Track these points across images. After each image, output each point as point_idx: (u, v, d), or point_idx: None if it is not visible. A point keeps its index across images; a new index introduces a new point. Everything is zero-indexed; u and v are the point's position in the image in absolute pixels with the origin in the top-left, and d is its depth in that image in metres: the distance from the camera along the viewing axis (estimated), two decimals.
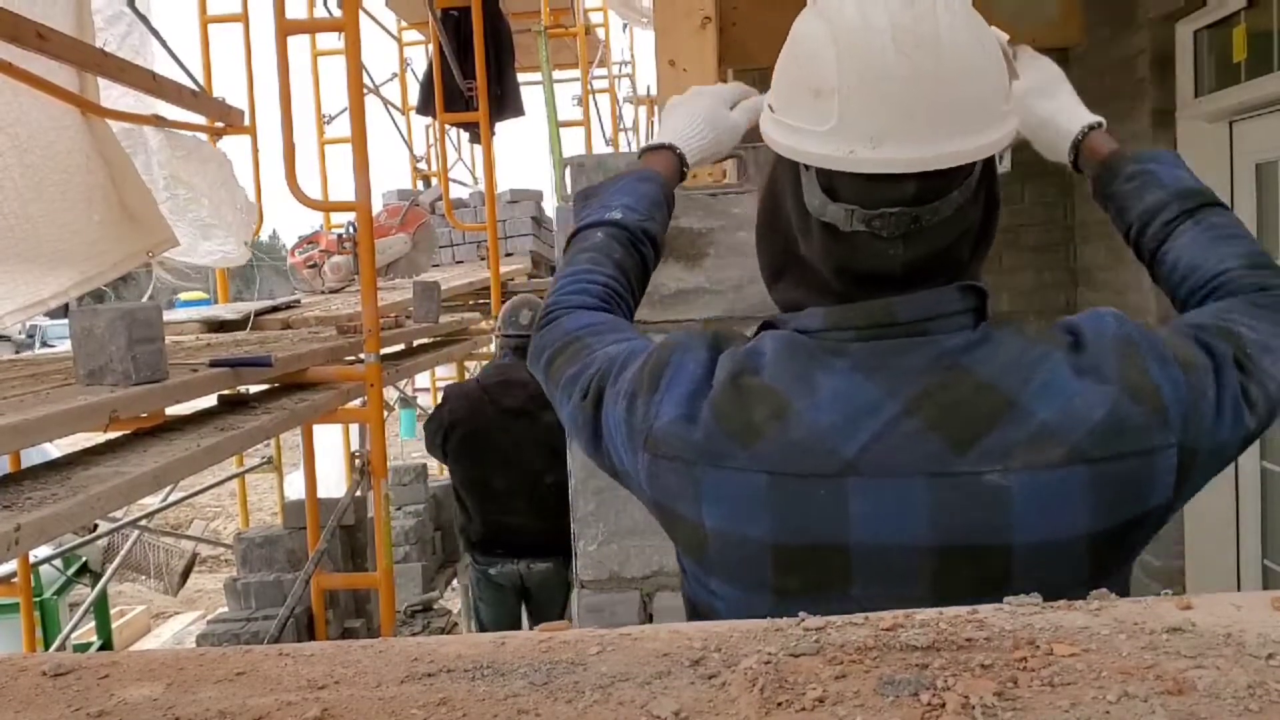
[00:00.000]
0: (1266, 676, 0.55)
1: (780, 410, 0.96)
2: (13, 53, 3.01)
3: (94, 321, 2.26)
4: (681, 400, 1.00)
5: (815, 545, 0.95)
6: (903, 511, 0.92)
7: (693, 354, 1.04)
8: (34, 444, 2.02)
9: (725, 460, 0.97)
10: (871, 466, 0.93)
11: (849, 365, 0.96)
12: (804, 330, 1.00)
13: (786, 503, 0.95)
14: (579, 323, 1.18)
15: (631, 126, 10.66)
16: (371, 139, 3.24)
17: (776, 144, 1.01)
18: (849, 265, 0.98)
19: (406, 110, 8.65)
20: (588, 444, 1.14)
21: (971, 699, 0.54)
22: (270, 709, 0.57)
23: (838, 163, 0.94)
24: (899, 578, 0.93)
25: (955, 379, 0.94)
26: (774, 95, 1.04)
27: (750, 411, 0.97)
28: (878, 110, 0.92)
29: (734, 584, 1.00)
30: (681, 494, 1.01)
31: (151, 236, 3.80)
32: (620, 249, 1.26)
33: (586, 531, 1.73)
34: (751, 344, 1.03)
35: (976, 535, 0.91)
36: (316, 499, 3.90)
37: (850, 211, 0.95)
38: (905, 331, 0.96)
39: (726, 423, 0.97)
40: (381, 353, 3.38)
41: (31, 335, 21.20)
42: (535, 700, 0.57)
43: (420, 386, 12.22)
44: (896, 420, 0.93)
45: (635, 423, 1.03)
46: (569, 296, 1.22)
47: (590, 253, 1.26)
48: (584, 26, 7.91)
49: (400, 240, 6.29)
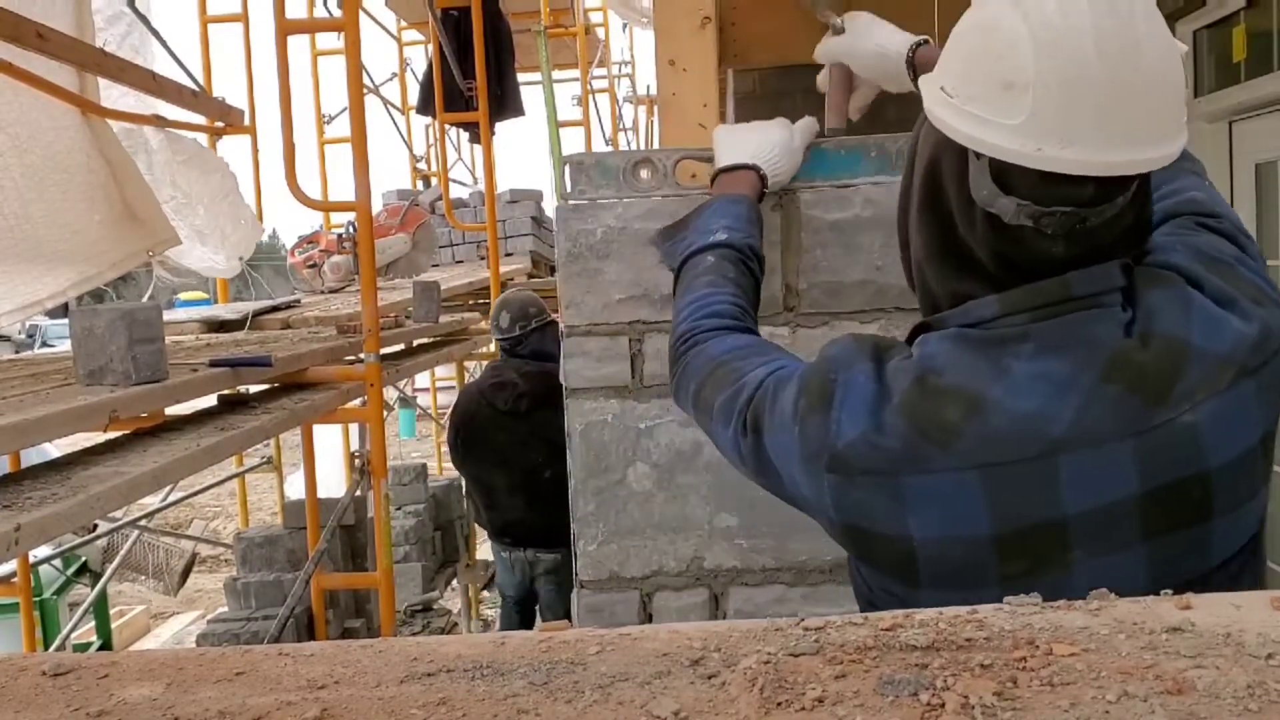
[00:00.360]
0: (1266, 676, 0.55)
1: (975, 405, 0.97)
2: (13, 52, 3.01)
3: (94, 321, 2.26)
4: (862, 414, 1.00)
5: (1034, 525, 0.97)
6: (1111, 471, 0.96)
7: (858, 367, 1.03)
8: (34, 444, 2.02)
9: (927, 464, 0.97)
10: (1080, 439, 0.95)
11: (1034, 348, 0.97)
12: (973, 323, 1.00)
13: (1001, 493, 0.96)
14: (723, 347, 1.18)
15: (631, 127, 10.66)
16: (371, 139, 3.24)
17: (955, 131, 0.99)
18: (1012, 258, 0.98)
19: (406, 110, 8.64)
20: (753, 474, 1.14)
21: (971, 699, 0.54)
22: (270, 709, 0.57)
23: (1025, 159, 0.93)
24: (1115, 530, 0.97)
25: (1139, 340, 0.97)
26: (952, 80, 1.00)
27: (943, 412, 0.97)
28: (1073, 111, 0.92)
29: (953, 590, 0.99)
30: (880, 511, 1.00)
31: (153, 236, 3.80)
32: (733, 268, 1.26)
33: (586, 531, 1.73)
34: (920, 348, 1.03)
35: (1178, 469, 0.96)
36: (316, 499, 3.90)
37: (1020, 207, 0.95)
38: (1080, 305, 0.97)
39: (921, 427, 0.97)
40: (381, 353, 3.38)
41: (32, 335, 21.19)
42: (535, 700, 0.57)
43: (420, 386, 12.22)
44: (1096, 389, 0.96)
45: (811, 447, 1.02)
46: (702, 321, 1.22)
47: (706, 276, 1.26)
48: (584, 26, 7.90)
49: (400, 240, 6.29)
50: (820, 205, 1.65)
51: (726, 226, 1.30)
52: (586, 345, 1.71)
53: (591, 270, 1.68)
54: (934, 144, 1.03)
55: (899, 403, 0.99)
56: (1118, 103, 0.92)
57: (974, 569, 0.98)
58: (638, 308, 1.69)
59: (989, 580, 0.98)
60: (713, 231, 1.30)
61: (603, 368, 1.70)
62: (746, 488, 1.74)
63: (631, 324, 1.70)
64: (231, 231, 4.62)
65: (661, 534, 1.72)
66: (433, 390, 9.76)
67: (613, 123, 9.64)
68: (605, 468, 1.71)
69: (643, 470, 1.71)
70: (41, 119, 3.30)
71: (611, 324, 1.70)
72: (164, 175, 4.19)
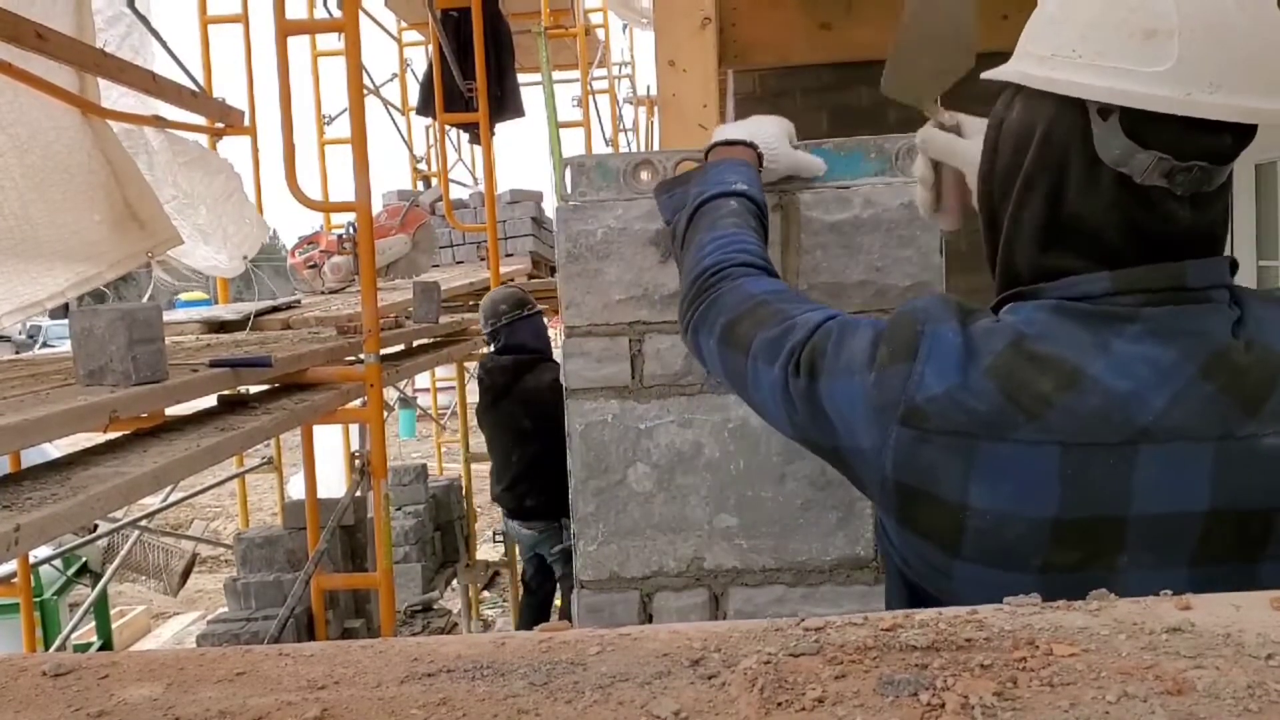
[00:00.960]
0: (1266, 677, 0.55)
1: (1072, 378, 0.94)
2: (13, 53, 3.01)
3: (94, 322, 2.26)
4: (949, 369, 0.96)
5: (1095, 518, 0.94)
6: (1186, 477, 0.92)
7: (946, 323, 0.99)
8: (34, 444, 2.02)
9: (1009, 432, 0.93)
10: (1166, 432, 0.92)
11: (1141, 330, 0.95)
12: (1079, 297, 0.97)
13: (1076, 475, 0.93)
14: (762, 286, 1.14)
15: (631, 127, 10.65)
16: (371, 139, 3.24)
17: (1089, 88, 0.95)
18: (1137, 224, 0.96)
19: (406, 111, 8.64)
20: (789, 413, 1.08)
21: (971, 699, 0.54)
22: (270, 709, 0.57)
23: (1173, 105, 0.91)
24: (1169, 545, 0.93)
25: (1242, 344, 0.95)
26: (1075, 39, 0.97)
27: (1037, 380, 0.94)
28: (1219, 56, 0.90)
29: (993, 565, 0.96)
30: (945, 472, 0.96)
31: (154, 236, 3.80)
32: (755, 221, 1.23)
33: (586, 531, 1.73)
34: (1011, 314, 1.00)
35: (1248, 498, 0.93)
36: (316, 499, 3.90)
37: (1157, 161, 0.92)
38: (1193, 298, 0.95)
39: (1010, 392, 0.94)
40: (381, 353, 3.38)
41: (32, 335, 21.21)
42: (535, 700, 0.57)
43: (420, 387, 12.23)
44: (1193, 384, 0.93)
45: (888, 396, 0.98)
46: (734, 255, 1.17)
47: (731, 219, 1.21)
48: (584, 27, 7.90)
49: (400, 241, 6.29)
50: (820, 206, 1.65)
51: (744, 180, 1.26)
52: (586, 346, 1.71)
53: (591, 271, 1.68)
54: (1041, 116, 1.00)
55: (990, 364, 0.95)
56: (1261, 48, 0.91)
57: (1022, 551, 0.95)
58: (638, 308, 1.69)
59: (1031, 566, 0.94)
60: (731, 183, 1.26)
61: (603, 368, 1.71)
62: (746, 487, 1.74)
63: (631, 324, 1.70)
64: (235, 231, 4.62)
65: (661, 534, 1.72)
66: (433, 391, 9.76)
67: (613, 123, 9.64)
68: (605, 468, 1.72)
69: (643, 470, 1.71)
70: (42, 119, 3.31)
71: (611, 324, 1.70)
72: (165, 175, 4.19)
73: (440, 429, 9.32)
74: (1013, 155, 1.03)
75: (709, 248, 1.21)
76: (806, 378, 1.05)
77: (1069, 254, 0.99)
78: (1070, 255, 0.99)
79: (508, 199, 7.81)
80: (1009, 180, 1.04)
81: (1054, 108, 0.98)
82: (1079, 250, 0.98)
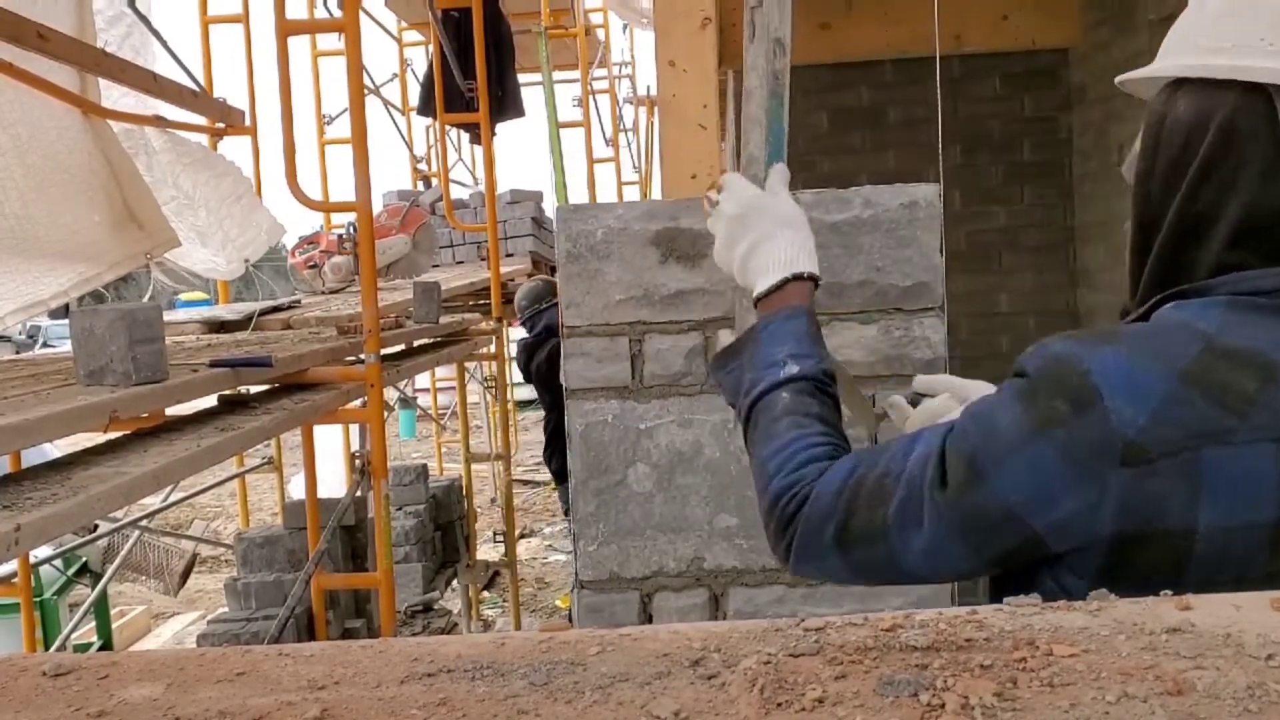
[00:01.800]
0: (1266, 677, 0.55)
1: (1269, 371, 0.91)
2: (13, 53, 3.01)
3: (94, 321, 2.26)
4: (1144, 393, 0.91)
5: None
6: None
7: (1099, 350, 0.95)
8: (34, 444, 2.02)
9: (1228, 436, 0.90)
10: None
11: None
12: (1249, 292, 0.95)
13: None
14: (839, 476, 1.07)
15: (631, 127, 10.65)
16: (372, 139, 3.24)
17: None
18: None
19: (407, 111, 8.64)
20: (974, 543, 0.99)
21: (971, 699, 0.54)
22: (270, 709, 0.57)
23: None
24: None
25: None
26: (1260, 28, 0.96)
27: (1238, 377, 0.91)
28: None
29: (1220, 585, 0.88)
30: (1173, 500, 0.91)
31: (153, 238, 3.80)
32: (814, 402, 1.16)
33: (586, 531, 1.73)
34: (1176, 312, 0.97)
35: None
36: (317, 499, 3.90)
37: None
38: None
39: (1216, 395, 0.90)
40: (382, 353, 3.38)
41: (32, 336, 21.21)
42: (535, 700, 0.57)
43: (420, 387, 12.23)
44: None
45: (1091, 448, 0.92)
46: (803, 471, 1.10)
47: (787, 419, 1.15)
48: (584, 27, 7.89)
49: (400, 241, 6.29)
50: (820, 207, 1.65)
51: (791, 354, 1.18)
52: (586, 346, 1.71)
53: (592, 271, 1.68)
54: (1220, 105, 0.99)
55: (1183, 370, 0.91)
56: None
57: (1242, 564, 0.91)
58: (638, 308, 1.69)
59: (1253, 579, 0.89)
60: (779, 364, 1.18)
61: (603, 368, 1.71)
62: (746, 488, 1.74)
63: (632, 324, 1.70)
64: (238, 234, 4.61)
65: (661, 534, 1.72)
66: (433, 391, 9.76)
67: (613, 123, 9.63)
68: (605, 468, 1.72)
69: (643, 471, 1.71)
70: (43, 119, 3.31)
71: (612, 324, 1.70)
72: (165, 176, 4.19)
73: (440, 429, 9.33)
74: (1182, 149, 1.01)
75: (772, 466, 1.13)
76: (974, 487, 0.97)
77: (1238, 249, 0.97)
78: (1239, 251, 0.97)
79: (508, 199, 7.81)
80: (1175, 174, 1.02)
81: (1237, 97, 0.97)
82: (1250, 246, 0.96)
